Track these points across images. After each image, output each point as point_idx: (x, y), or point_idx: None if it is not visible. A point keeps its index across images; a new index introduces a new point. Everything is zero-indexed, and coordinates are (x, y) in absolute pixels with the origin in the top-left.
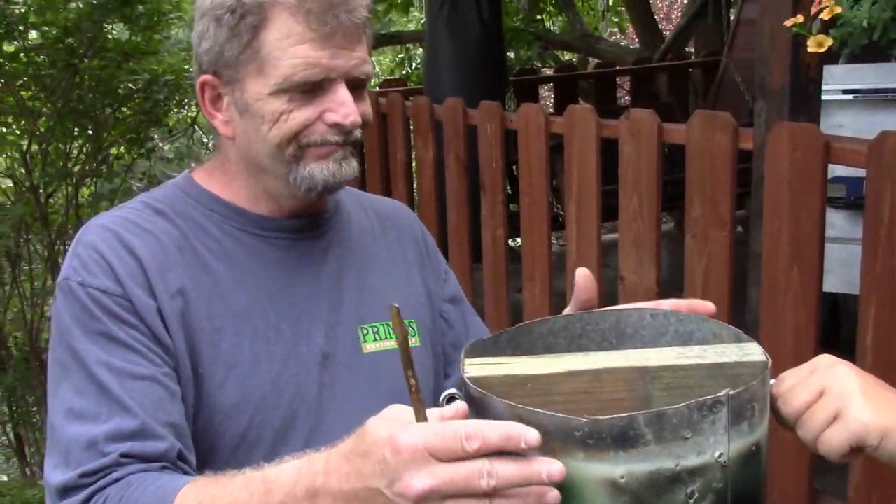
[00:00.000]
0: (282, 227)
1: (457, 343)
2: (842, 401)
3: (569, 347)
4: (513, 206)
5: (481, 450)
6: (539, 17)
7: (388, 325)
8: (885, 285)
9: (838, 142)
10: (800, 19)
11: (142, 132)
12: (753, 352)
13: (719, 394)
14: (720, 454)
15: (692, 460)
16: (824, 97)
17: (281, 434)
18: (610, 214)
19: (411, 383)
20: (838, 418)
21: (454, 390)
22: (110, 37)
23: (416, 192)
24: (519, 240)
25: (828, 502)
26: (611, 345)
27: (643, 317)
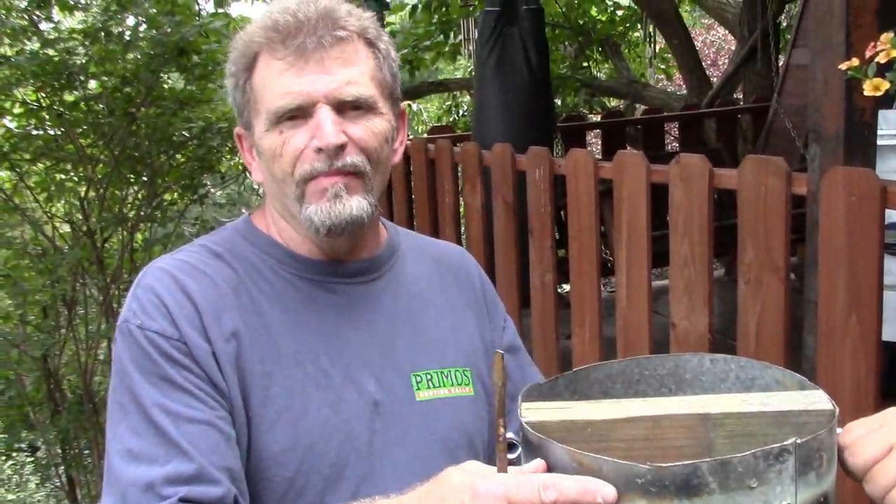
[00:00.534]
0: (335, 271)
1: (514, 393)
2: None
3: (626, 392)
4: (560, 251)
5: (558, 501)
6: (585, 64)
7: (441, 373)
8: None
9: (895, 186)
10: (855, 63)
11: (195, 178)
12: (819, 400)
13: (786, 442)
14: None
15: None
16: (879, 142)
17: (330, 481)
18: (658, 260)
19: (500, 432)
20: None
21: (511, 434)
22: (166, 86)
23: (464, 237)
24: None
25: None
26: (669, 391)
27: (703, 362)
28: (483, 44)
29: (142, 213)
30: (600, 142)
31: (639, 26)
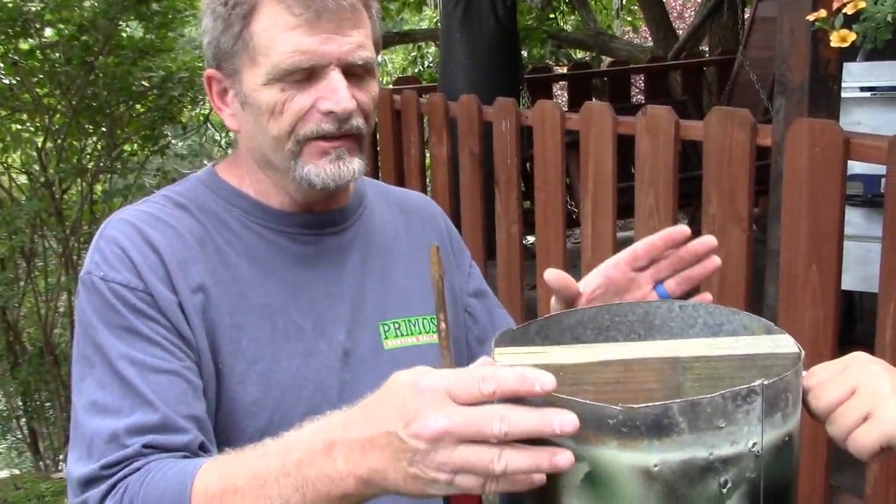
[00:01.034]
0: (304, 222)
1: (482, 338)
2: (875, 400)
3: (596, 338)
4: (526, 203)
5: (497, 392)
6: (552, 15)
7: (409, 321)
8: None
9: (858, 138)
10: (822, 14)
11: (156, 129)
12: (786, 343)
13: (754, 383)
14: (754, 444)
15: (726, 450)
16: (843, 94)
17: None
18: (623, 212)
19: (441, 327)
20: (870, 417)
21: None
22: (125, 34)
23: (429, 188)
24: (532, 237)
25: (845, 499)
26: (639, 336)
27: (672, 308)
28: None
29: (101, 164)
30: (566, 94)
31: None
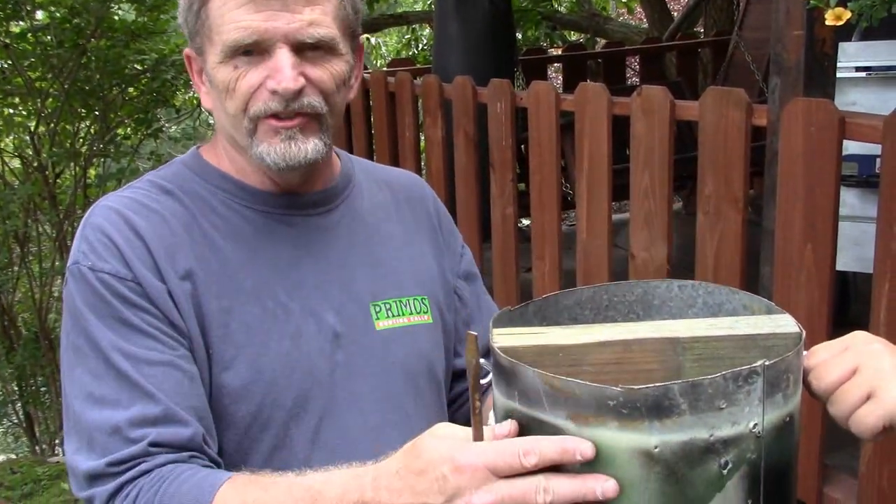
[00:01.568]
0: (289, 203)
1: (468, 320)
2: (877, 380)
3: (595, 319)
4: (521, 185)
5: (538, 464)
6: None
7: (400, 301)
8: None
9: (853, 117)
10: None
11: (149, 112)
12: (786, 323)
13: (755, 364)
14: (755, 425)
15: (726, 431)
16: (838, 74)
17: (293, 414)
18: (618, 194)
19: (475, 405)
20: (872, 397)
21: (483, 361)
22: (117, 17)
23: (424, 170)
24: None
25: (839, 478)
26: (637, 316)
27: (671, 288)
28: None
29: (94, 148)
30: (561, 76)
31: None
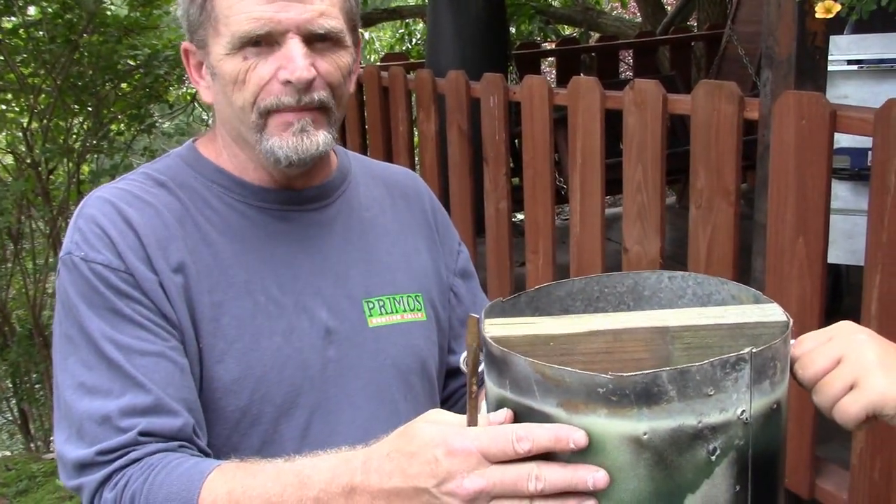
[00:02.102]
0: (285, 198)
1: (463, 318)
2: (860, 370)
3: (586, 309)
4: (514, 179)
5: (532, 451)
6: None
7: (394, 298)
8: (890, 254)
9: (845, 110)
10: None
11: (142, 108)
12: (774, 312)
13: (743, 351)
14: (742, 412)
15: (715, 417)
16: (830, 68)
17: (283, 409)
18: (611, 188)
19: (472, 389)
20: (856, 387)
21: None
22: (109, 12)
23: (418, 165)
24: (520, 215)
25: (831, 469)
26: (628, 307)
27: (661, 279)
28: None
29: (88, 144)
30: (555, 70)
31: None
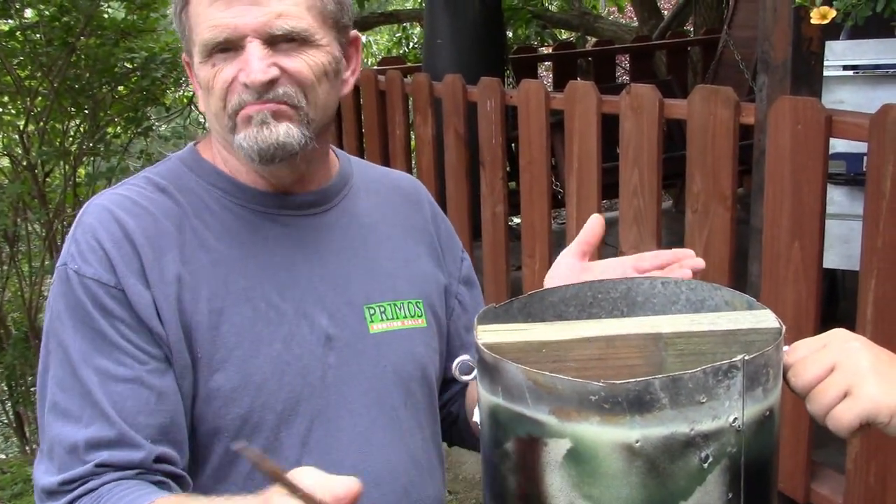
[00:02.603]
0: (285, 203)
1: (469, 326)
2: (854, 378)
3: (579, 315)
4: (511, 183)
5: None
6: None
7: (395, 305)
8: (885, 259)
9: (840, 115)
10: None
11: (139, 111)
12: (767, 318)
13: (735, 359)
14: (735, 419)
15: (707, 425)
16: (825, 73)
17: (284, 416)
18: (608, 192)
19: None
20: (849, 395)
21: (466, 357)
22: (106, 15)
23: (415, 169)
24: (516, 219)
25: (827, 474)
26: (622, 313)
27: (654, 285)
28: None
29: (84, 147)
30: (551, 74)
31: None
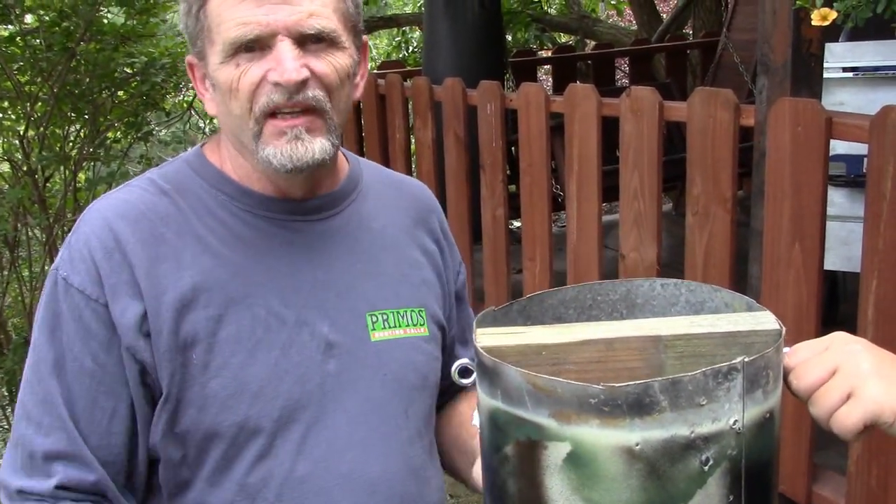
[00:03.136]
0: (291, 208)
1: (461, 337)
2: (856, 380)
3: (579, 318)
4: (511, 186)
5: None
6: None
7: (397, 313)
8: (886, 261)
9: (840, 117)
10: None
11: (139, 116)
12: (767, 320)
13: (734, 361)
14: (735, 421)
15: (707, 427)
16: (825, 75)
17: (281, 423)
18: (608, 195)
19: None
20: (852, 397)
21: (467, 360)
22: (106, 20)
23: (415, 172)
24: (516, 222)
25: (828, 476)
26: (621, 315)
27: (654, 286)
28: None
29: (84, 152)
30: (551, 78)
31: None
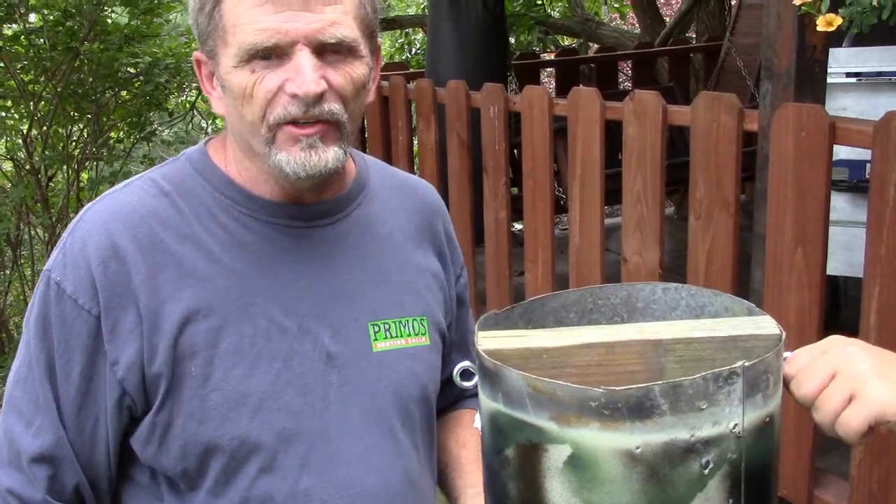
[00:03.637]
0: (296, 213)
1: (459, 342)
2: (856, 381)
3: (580, 321)
4: (514, 189)
5: None
6: (540, 2)
7: (400, 322)
8: (889, 266)
9: (844, 123)
10: None
11: (142, 116)
12: (767, 325)
13: (735, 365)
14: (735, 425)
15: (707, 431)
16: (829, 80)
17: (283, 437)
18: (610, 198)
19: None
20: (854, 399)
21: (468, 363)
22: (110, 20)
23: (418, 174)
24: (518, 224)
25: (830, 480)
26: (622, 319)
27: (654, 290)
28: None
29: (87, 151)
30: (554, 81)
31: None
